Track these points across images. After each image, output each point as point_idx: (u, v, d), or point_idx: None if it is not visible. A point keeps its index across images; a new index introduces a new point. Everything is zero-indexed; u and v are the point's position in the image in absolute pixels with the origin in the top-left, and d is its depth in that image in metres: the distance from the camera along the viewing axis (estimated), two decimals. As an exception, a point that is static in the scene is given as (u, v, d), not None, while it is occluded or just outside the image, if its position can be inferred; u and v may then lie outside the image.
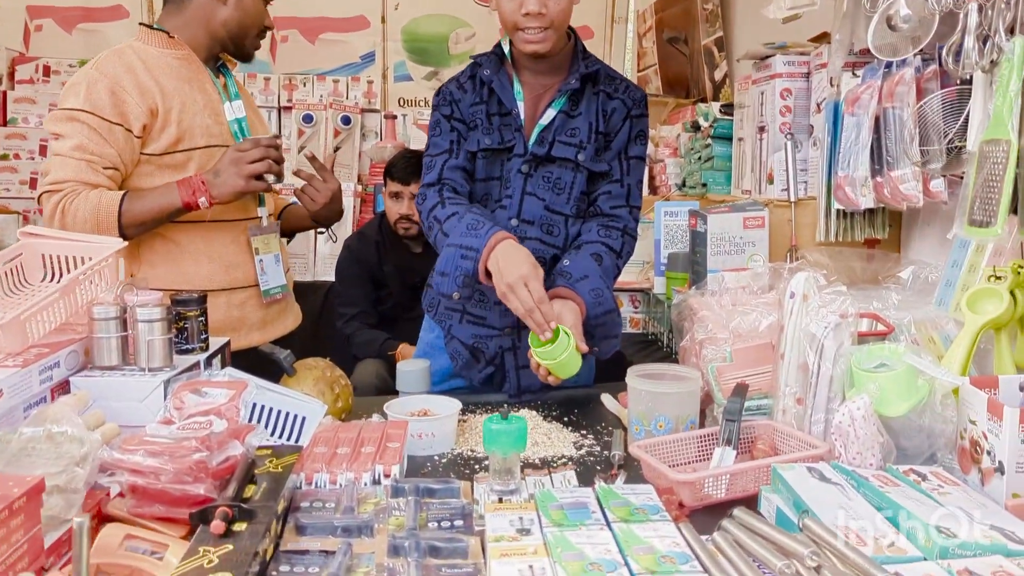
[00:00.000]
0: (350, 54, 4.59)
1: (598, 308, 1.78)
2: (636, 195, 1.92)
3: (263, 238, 2.03)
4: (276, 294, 2.07)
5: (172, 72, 1.93)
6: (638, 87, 1.95)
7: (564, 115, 1.86)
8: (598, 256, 1.84)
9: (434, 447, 1.55)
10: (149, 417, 1.30)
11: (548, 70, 1.88)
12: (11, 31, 4.36)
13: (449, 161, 1.88)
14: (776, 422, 1.48)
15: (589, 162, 1.87)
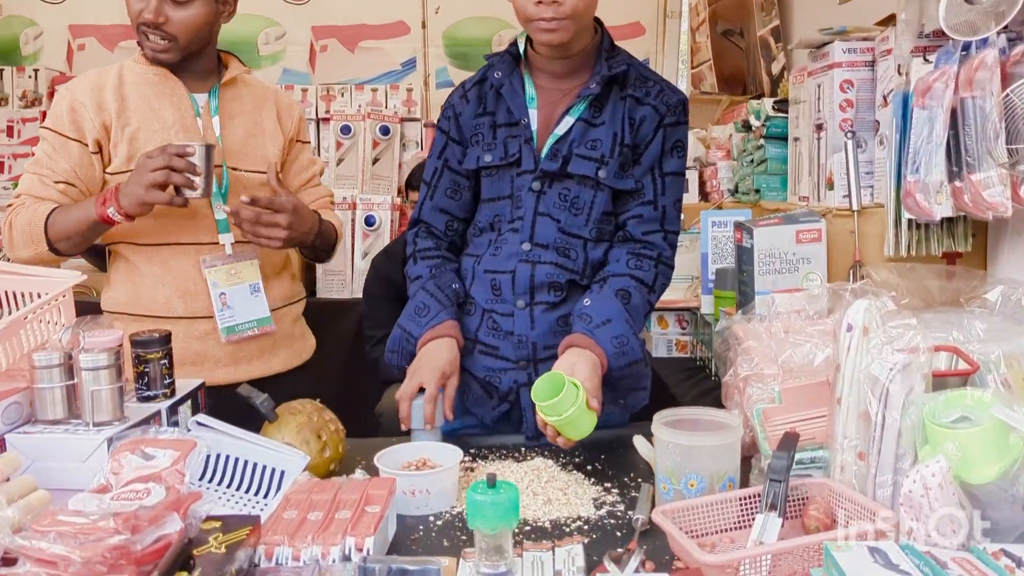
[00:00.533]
0: (390, 61, 4.46)
1: (621, 359, 1.55)
2: (673, 218, 1.68)
3: (226, 268, 1.85)
4: (247, 331, 1.89)
5: (147, 89, 1.84)
6: (676, 90, 1.70)
7: (584, 124, 1.64)
8: (625, 294, 1.60)
9: (430, 506, 1.35)
10: (93, 478, 1.14)
11: (567, 72, 1.67)
12: (55, 52, 4.36)
13: (427, 201, 1.76)
14: (833, 480, 1.24)
15: (611, 179, 1.63)
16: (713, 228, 2.38)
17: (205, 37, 1.83)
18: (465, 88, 1.74)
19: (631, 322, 1.57)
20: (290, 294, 2.02)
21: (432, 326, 1.62)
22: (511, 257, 1.65)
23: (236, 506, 1.29)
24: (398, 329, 1.68)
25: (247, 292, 1.86)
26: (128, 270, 1.88)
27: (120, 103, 1.82)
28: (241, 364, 1.90)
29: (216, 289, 1.84)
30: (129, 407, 1.30)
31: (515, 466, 1.50)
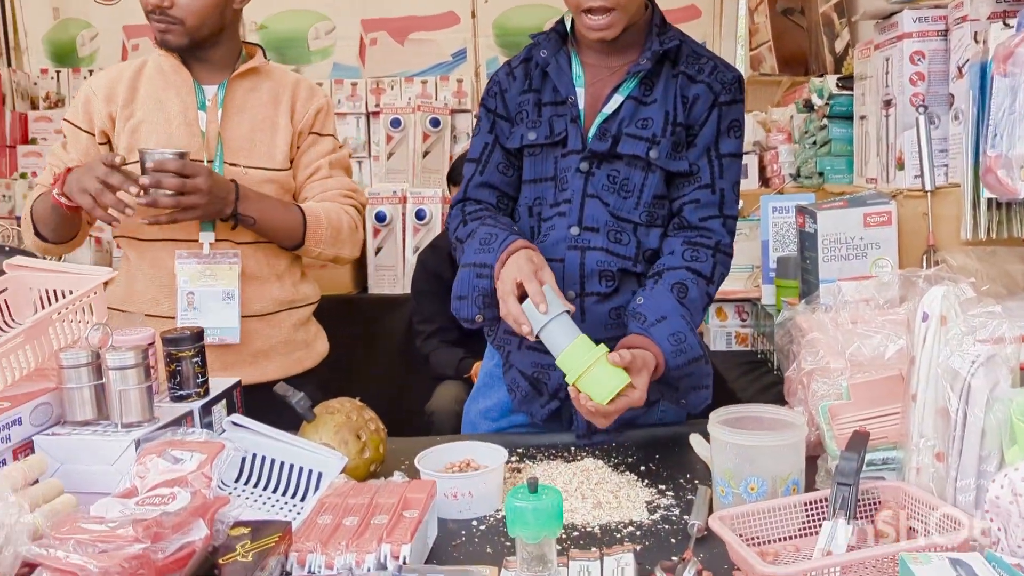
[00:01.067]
0: (440, 53, 4.42)
1: (680, 357, 1.43)
2: (731, 202, 1.59)
3: (201, 268, 1.77)
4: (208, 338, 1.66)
5: (159, 80, 1.84)
6: (731, 67, 1.61)
7: (634, 102, 1.56)
8: (682, 287, 1.50)
9: (473, 509, 1.29)
10: (120, 482, 1.10)
11: (616, 49, 1.58)
12: (110, 53, 4.43)
13: (475, 178, 1.66)
14: (908, 484, 1.14)
15: (664, 160, 1.54)
16: (774, 214, 2.26)
17: (215, 21, 1.78)
18: (511, 66, 1.66)
19: (688, 317, 1.47)
20: (292, 298, 1.93)
21: (505, 247, 1.46)
22: (558, 244, 1.57)
23: (271, 509, 1.25)
24: (465, 269, 1.51)
25: (218, 297, 1.78)
26: (127, 265, 1.88)
27: (130, 94, 1.82)
28: (230, 369, 1.78)
29: (185, 286, 1.77)
30: (161, 407, 1.27)
31: (564, 467, 1.42)
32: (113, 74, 1.86)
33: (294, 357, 1.93)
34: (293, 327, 1.92)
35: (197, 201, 1.66)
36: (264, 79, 1.89)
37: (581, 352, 1.33)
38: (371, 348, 3.25)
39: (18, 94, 4.09)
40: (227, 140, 1.81)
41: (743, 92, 1.60)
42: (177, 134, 1.79)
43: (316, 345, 2.00)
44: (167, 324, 1.75)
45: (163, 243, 1.80)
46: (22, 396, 1.18)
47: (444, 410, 2.85)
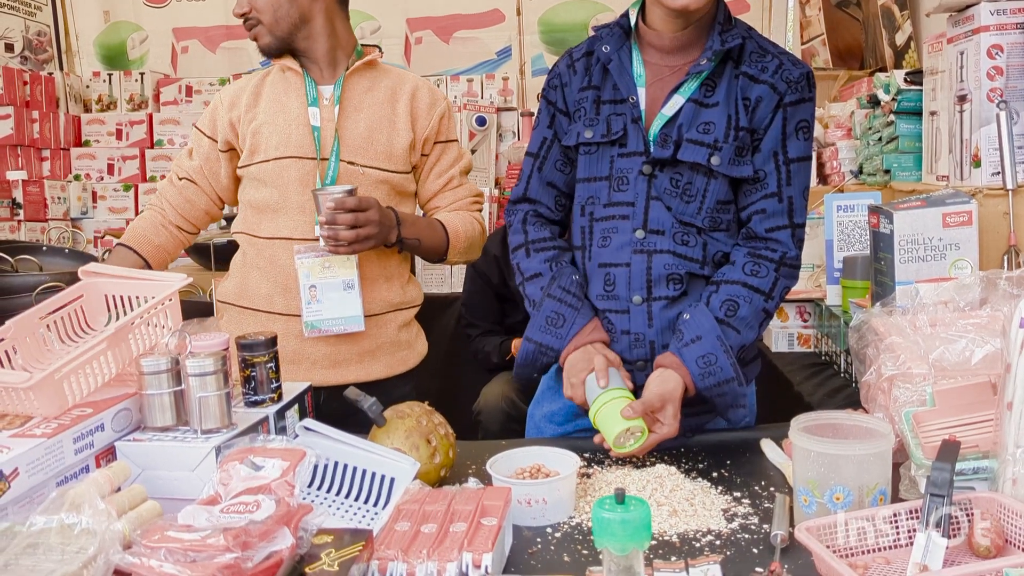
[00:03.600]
0: (486, 51, 4.41)
1: (708, 379, 1.45)
2: (800, 209, 1.54)
3: (320, 261, 1.79)
4: (332, 328, 1.81)
5: (280, 85, 1.89)
6: (799, 63, 1.54)
7: (695, 104, 1.51)
8: (732, 305, 1.48)
9: (547, 516, 1.27)
10: (203, 488, 1.10)
11: (679, 47, 1.53)
12: (160, 55, 4.49)
13: (535, 175, 1.64)
14: (1004, 495, 1.10)
15: (725, 167, 1.50)
16: (839, 213, 2.20)
17: (294, 16, 1.80)
18: (573, 58, 1.62)
19: (724, 339, 1.46)
20: (400, 300, 1.94)
21: (574, 335, 1.52)
22: (623, 247, 1.54)
23: (346, 515, 1.24)
24: (530, 344, 1.55)
25: (339, 287, 1.80)
26: (243, 262, 1.91)
27: (253, 99, 1.88)
28: (339, 367, 1.86)
29: (306, 280, 1.79)
30: (237, 412, 1.27)
31: (635, 473, 1.40)
32: (240, 84, 1.94)
33: (398, 356, 1.95)
34: (398, 328, 1.94)
35: (371, 232, 1.71)
36: (382, 78, 1.89)
37: (600, 396, 1.44)
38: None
39: (71, 97, 4.15)
40: (344, 138, 1.82)
41: (813, 89, 1.54)
42: (296, 134, 1.82)
43: (417, 345, 2.02)
44: (282, 320, 1.83)
45: (281, 241, 1.83)
46: (103, 402, 1.19)
47: (491, 408, 2.85)
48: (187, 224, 1.96)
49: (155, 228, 1.92)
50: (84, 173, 4.01)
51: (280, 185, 1.81)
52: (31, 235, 3.56)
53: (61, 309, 1.31)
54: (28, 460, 1.03)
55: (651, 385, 1.45)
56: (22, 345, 1.26)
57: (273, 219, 1.84)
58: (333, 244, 1.71)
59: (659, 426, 1.43)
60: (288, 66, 1.86)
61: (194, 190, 1.93)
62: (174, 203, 1.93)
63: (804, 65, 1.54)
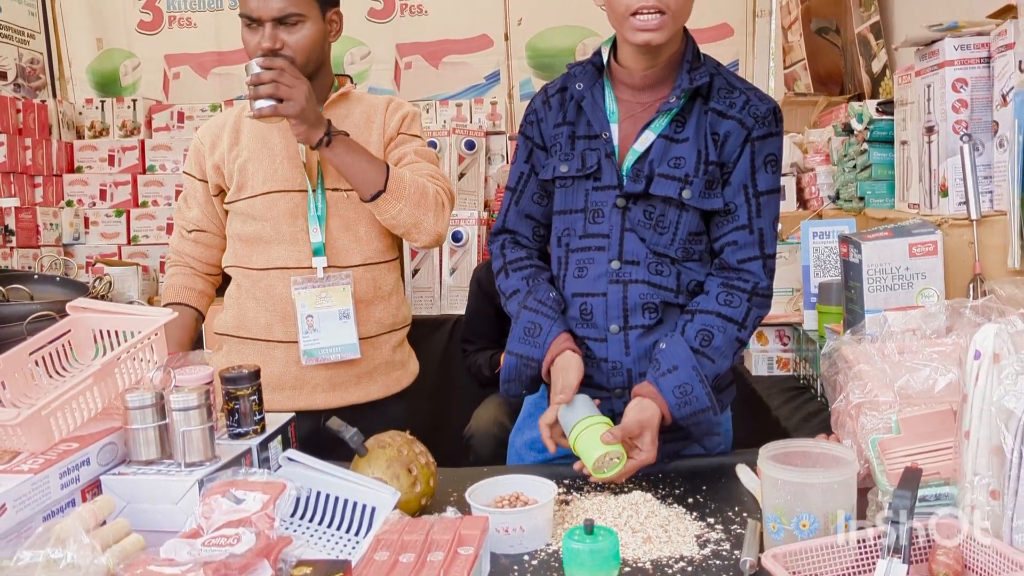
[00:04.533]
0: (474, 75, 4.47)
1: (684, 408, 1.48)
2: (770, 240, 1.58)
3: (316, 291, 1.85)
4: (329, 356, 1.87)
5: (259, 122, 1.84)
6: (765, 98, 1.59)
7: (665, 140, 1.55)
8: (707, 334, 1.52)
9: (524, 544, 1.30)
10: (185, 522, 1.13)
11: (649, 84, 1.58)
12: (152, 81, 4.53)
13: (512, 208, 1.70)
14: (963, 521, 1.13)
15: (696, 200, 1.54)
16: (814, 239, 2.25)
17: (319, 58, 1.84)
18: (548, 93, 1.68)
19: (699, 369, 1.49)
20: (392, 321, 1.99)
21: (551, 342, 1.55)
22: (600, 278, 1.58)
23: (326, 544, 1.27)
24: (511, 357, 1.59)
25: (335, 317, 1.85)
26: (237, 294, 1.95)
27: (234, 136, 1.92)
28: (339, 390, 1.91)
29: (304, 311, 1.84)
30: (220, 445, 1.30)
31: (612, 500, 1.43)
32: (218, 121, 1.97)
33: (393, 376, 2.00)
34: (392, 349, 1.99)
35: (296, 93, 1.68)
36: (355, 105, 1.94)
37: (580, 422, 1.47)
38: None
39: (64, 124, 4.19)
40: (327, 168, 1.87)
41: (780, 123, 1.58)
42: (282, 167, 1.86)
43: (410, 365, 2.07)
44: (282, 348, 1.88)
45: (277, 271, 1.88)
46: (89, 437, 1.22)
47: (482, 433, 2.87)
48: (213, 269, 2.03)
49: (190, 278, 2.00)
50: (76, 199, 4.04)
51: (271, 218, 1.86)
52: (23, 261, 3.59)
53: (49, 344, 1.34)
54: (15, 496, 1.06)
55: (630, 412, 1.48)
56: (10, 380, 1.29)
57: (265, 251, 1.88)
58: (255, 96, 1.69)
59: (637, 452, 1.46)
60: None
61: (207, 237, 2.00)
62: (195, 255, 2.00)
63: (771, 100, 1.59)
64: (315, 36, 1.81)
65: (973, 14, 1.98)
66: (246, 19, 1.78)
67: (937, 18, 1.97)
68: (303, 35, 1.78)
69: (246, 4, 1.77)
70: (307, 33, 1.79)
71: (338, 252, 1.88)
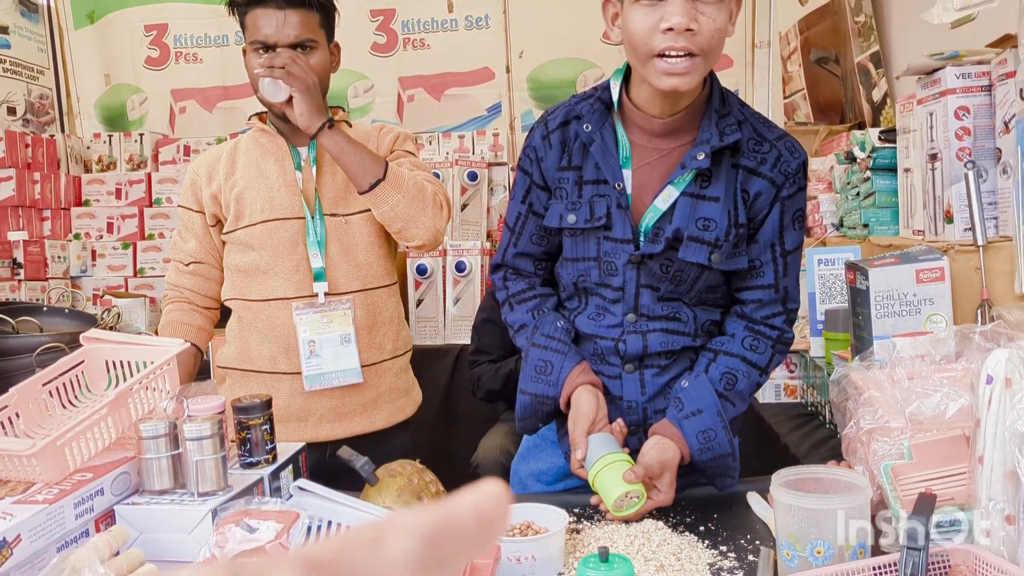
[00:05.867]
0: (476, 107, 4.50)
1: (705, 454, 1.47)
2: (794, 295, 1.55)
3: (318, 317, 1.85)
4: (332, 382, 1.86)
5: (256, 151, 1.92)
6: (795, 150, 1.48)
7: (691, 198, 1.44)
8: (732, 378, 1.51)
9: (536, 572, 1.29)
10: (199, 551, 1.13)
11: (669, 131, 1.45)
12: (158, 116, 4.57)
13: (511, 248, 1.65)
14: (978, 547, 1.13)
15: (724, 263, 1.48)
16: (820, 266, 2.25)
17: (325, 87, 1.86)
18: (548, 128, 1.53)
19: (723, 414, 1.48)
20: (395, 345, 1.99)
21: (564, 379, 1.52)
22: (615, 327, 1.55)
23: (340, 575, 1.26)
24: (525, 396, 1.56)
25: (337, 342, 1.85)
26: (239, 327, 1.94)
27: (230, 167, 1.92)
28: (344, 420, 1.90)
29: (305, 336, 1.84)
30: (233, 474, 1.30)
31: (624, 529, 1.42)
32: (213, 154, 1.97)
33: (398, 404, 1.99)
34: (395, 375, 1.99)
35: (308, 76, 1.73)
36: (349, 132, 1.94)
37: (601, 458, 1.45)
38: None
39: (72, 158, 4.23)
40: (324, 194, 1.89)
41: (806, 177, 1.51)
42: (279, 196, 1.87)
43: (413, 392, 2.07)
44: (287, 380, 1.87)
45: (277, 302, 1.87)
46: (103, 467, 1.22)
47: (489, 462, 2.86)
48: (212, 303, 2.02)
49: (188, 314, 1.98)
50: (84, 232, 4.06)
51: (270, 247, 1.87)
52: (31, 294, 3.60)
53: (63, 375, 1.35)
54: (30, 527, 1.06)
55: (650, 452, 1.46)
56: (24, 411, 1.30)
57: (264, 281, 1.88)
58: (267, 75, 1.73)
59: (655, 492, 1.45)
60: (263, 128, 1.92)
61: (205, 269, 1.99)
62: (194, 287, 1.99)
63: (801, 152, 1.50)
64: (325, 63, 1.85)
65: (972, 44, 2.00)
66: (258, 45, 1.79)
67: (936, 48, 2.00)
68: (317, 61, 1.82)
69: (259, 31, 1.79)
70: (320, 59, 1.82)
71: (337, 278, 1.88)
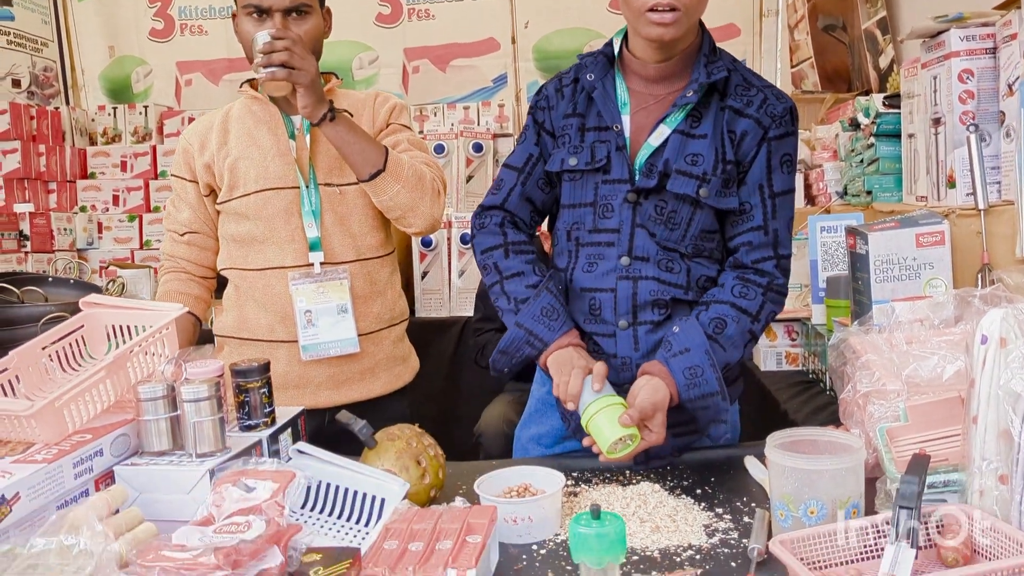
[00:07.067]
0: (482, 78, 4.49)
1: (693, 390, 1.48)
2: (785, 241, 1.57)
3: (314, 287, 1.85)
4: (328, 352, 1.86)
5: (248, 120, 1.90)
6: (782, 96, 1.57)
7: (681, 135, 1.53)
8: (720, 323, 1.52)
9: (532, 534, 1.31)
10: (197, 510, 1.14)
11: (663, 76, 1.56)
12: (164, 88, 4.57)
13: (517, 188, 1.66)
14: (972, 506, 1.13)
15: (713, 199, 1.53)
16: (822, 234, 2.25)
17: (318, 53, 1.84)
18: (562, 83, 1.64)
19: (712, 354, 1.49)
20: (392, 315, 1.99)
21: (563, 332, 1.53)
22: (609, 273, 1.57)
23: (337, 535, 1.28)
24: (519, 329, 1.55)
25: (333, 312, 1.85)
26: (236, 296, 1.94)
27: (222, 137, 1.90)
28: (342, 387, 1.91)
29: (301, 306, 1.84)
30: (231, 436, 1.31)
31: (620, 491, 1.44)
32: (204, 123, 1.95)
33: (395, 372, 2.00)
34: (393, 343, 1.99)
35: (308, 65, 1.68)
36: (342, 100, 1.93)
37: (595, 402, 1.45)
38: (419, 371, 3.31)
39: (77, 131, 4.24)
40: (318, 164, 1.87)
41: (796, 123, 1.56)
42: (273, 165, 1.85)
43: (411, 360, 2.07)
44: (284, 348, 1.87)
45: (274, 271, 1.87)
46: (102, 428, 1.23)
47: (492, 431, 2.88)
48: (208, 272, 2.01)
49: (185, 284, 1.97)
50: (90, 204, 4.08)
51: (265, 217, 1.86)
52: (38, 266, 3.62)
53: (63, 339, 1.36)
54: (29, 485, 1.07)
55: (641, 393, 1.46)
56: (24, 374, 1.31)
57: (261, 251, 1.88)
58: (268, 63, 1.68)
59: (647, 433, 1.46)
60: (255, 96, 1.90)
61: (200, 239, 1.97)
62: (189, 257, 1.98)
63: (788, 99, 1.57)
64: (319, 29, 1.83)
65: (978, 7, 1.97)
66: (251, 9, 1.77)
67: (942, 11, 1.97)
68: (311, 26, 1.80)
69: None
70: (313, 24, 1.81)
71: (333, 248, 1.87)
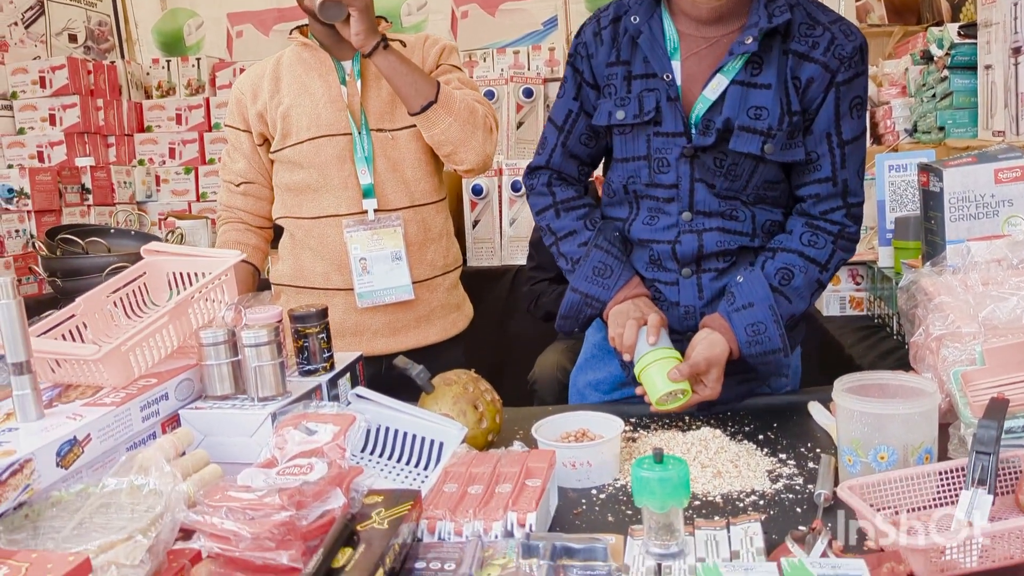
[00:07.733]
0: (532, 22, 4.40)
1: (754, 347, 1.44)
2: (856, 188, 1.48)
3: (368, 234, 1.85)
4: (384, 299, 1.86)
5: (299, 67, 1.90)
6: (851, 33, 1.43)
7: (741, 86, 1.41)
8: (787, 273, 1.46)
9: (591, 478, 1.30)
10: (260, 453, 1.16)
11: (717, 17, 1.43)
12: (215, 41, 4.59)
13: (559, 147, 1.60)
14: (1052, 452, 1.08)
15: (778, 154, 1.43)
16: (890, 173, 2.15)
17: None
18: (600, 25, 1.52)
19: (775, 308, 1.44)
20: (446, 262, 1.99)
21: (621, 286, 1.51)
22: (671, 228, 1.51)
23: (396, 478, 1.29)
24: (575, 294, 1.54)
25: (388, 259, 1.85)
26: (292, 244, 1.95)
27: (274, 85, 1.90)
28: (399, 335, 1.92)
29: (356, 253, 1.84)
30: (291, 381, 1.32)
31: (680, 436, 1.41)
32: (256, 72, 1.95)
33: (450, 319, 2.01)
34: (447, 291, 2.00)
35: None
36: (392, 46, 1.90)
37: (648, 353, 1.45)
38: (471, 320, 3.31)
39: (133, 84, 4.28)
40: (369, 109, 1.86)
41: (865, 62, 1.45)
42: (325, 112, 1.85)
43: (465, 307, 2.08)
44: (341, 295, 1.89)
45: (328, 219, 1.88)
46: (167, 373, 1.25)
47: (546, 379, 2.87)
48: (265, 222, 2.03)
49: (243, 234, 2.00)
50: (148, 158, 4.14)
51: (318, 165, 1.86)
52: (100, 219, 3.70)
53: (126, 286, 1.38)
54: (99, 427, 1.10)
55: (698, 347, 1.44)
56: (91, 321, 1.33)
57: (315, 199, 1.88)
58: None
59: (701, 388, 1.44)
60: (305, 43, 1.88)
61: (256, 189, 1.98)
62: (246, 208, 1.99)
63: (857, 35, 1.44)
64: None
65: (1066, -75, 1.85)
66: None
67: (1026, -68, 1.85)
68: None
69: None
70: None
71: (386, 194, 1.87)
